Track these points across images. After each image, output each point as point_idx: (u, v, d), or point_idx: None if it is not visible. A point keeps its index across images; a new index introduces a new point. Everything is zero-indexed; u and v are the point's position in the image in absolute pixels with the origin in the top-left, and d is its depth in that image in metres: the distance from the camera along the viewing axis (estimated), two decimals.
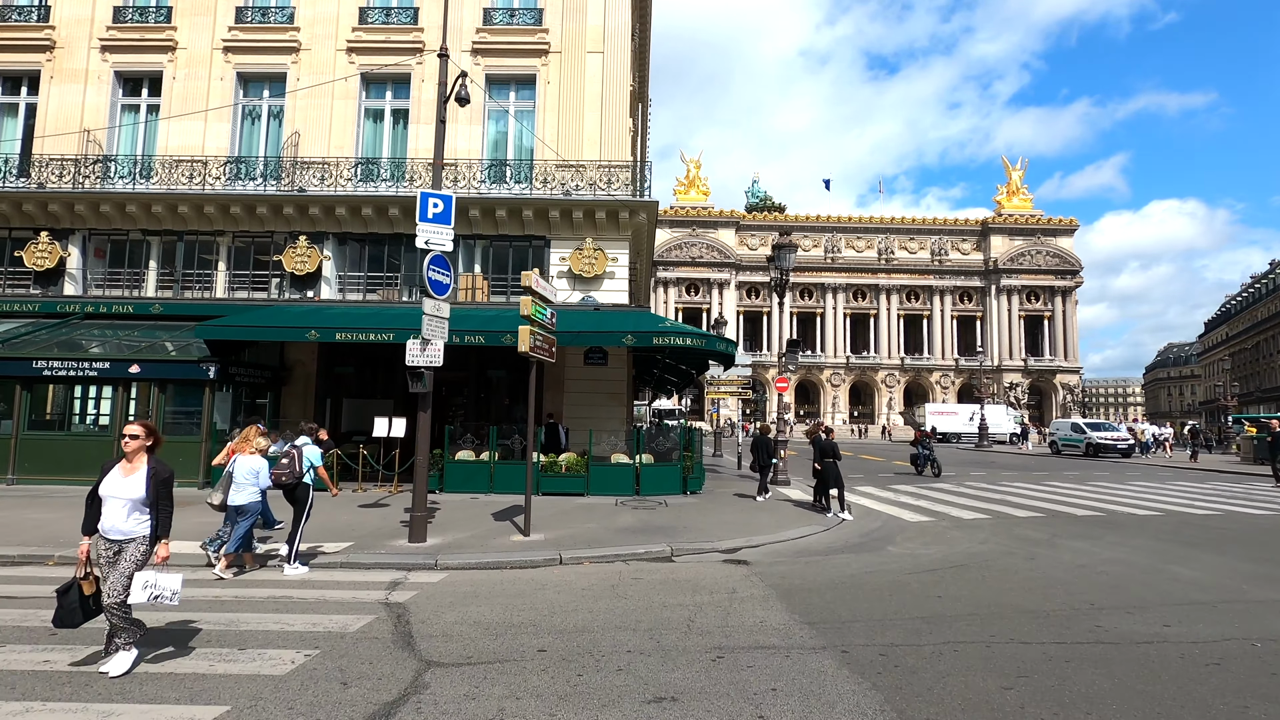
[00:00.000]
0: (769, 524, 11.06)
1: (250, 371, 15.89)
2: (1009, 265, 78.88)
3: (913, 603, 6.37)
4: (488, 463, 14.21)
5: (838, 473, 12.17)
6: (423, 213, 9.14)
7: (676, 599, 6.43)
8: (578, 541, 9.16)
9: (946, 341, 79.93)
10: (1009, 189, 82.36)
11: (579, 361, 17.13)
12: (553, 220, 17.31)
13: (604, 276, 17.39)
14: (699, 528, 10.44)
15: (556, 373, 17.16)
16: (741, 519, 11.46)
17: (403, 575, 7.44)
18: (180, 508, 5.34)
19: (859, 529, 11.01)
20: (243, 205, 17.43)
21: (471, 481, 14.12)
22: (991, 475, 20.92)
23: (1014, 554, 8.83)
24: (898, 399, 78.42)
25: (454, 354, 19.14)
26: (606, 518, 11.22)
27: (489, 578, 7.42)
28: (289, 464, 7.65)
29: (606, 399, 17.14)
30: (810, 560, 8.51)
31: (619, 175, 17.27)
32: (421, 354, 9.08)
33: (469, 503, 12.76)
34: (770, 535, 10.10)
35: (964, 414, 59.00)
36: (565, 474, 14.09)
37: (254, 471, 7.40)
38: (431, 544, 8.84)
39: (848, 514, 11.97)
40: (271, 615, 5.81)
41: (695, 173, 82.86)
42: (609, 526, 10.38)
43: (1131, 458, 29.49)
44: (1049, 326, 79.40)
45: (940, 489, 16.83)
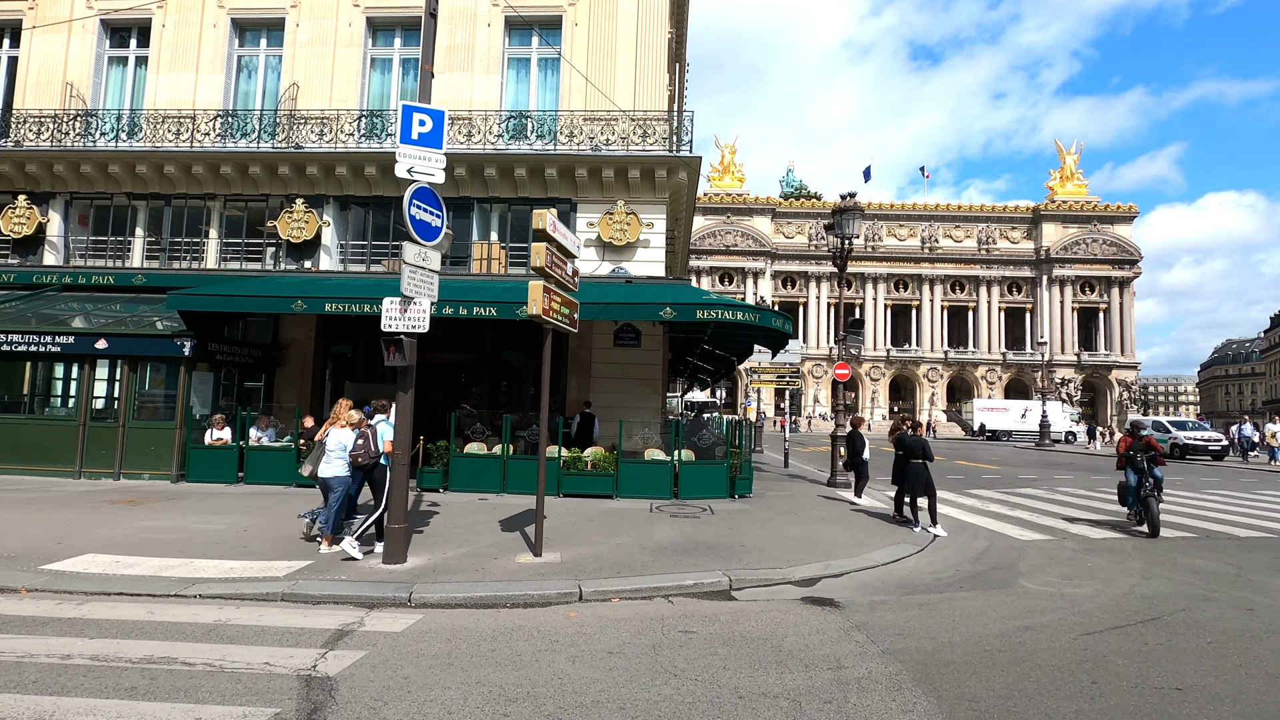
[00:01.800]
0: (845, 541, 8.74)
1: (236, 350, 14.02)
2: (1062, 254, 74.54)
3: (1151, 705, 4.00)
4: (500, 457, 12.11)
5: (929, 478, 9.77)
6: (405, 133, 6.98)
7: (754, 680, 4.19)
8: (604, 565, 6.96)
9: (993, 334, 75.96)
10: (1062, 174, 77.76)
11: (607, 343, 14.93)
12: (579, 180, 15.11)
13: (637, 245, 15.14)
14: (758, 545, 8.17)
15: (581, 356, 14.98)
16: (808, 533, 9.15)
17: (359, 617, 5.33)
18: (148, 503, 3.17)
19: (962, 550, 8.63)
20: (234, 165, 15.56)
21: (481, 479, 12.04)
22: (1080, 479, 18.20)
23: (1211, 598, 6.38)
24: (941, 394, 74.83)
25: (465, 332, 17.04)
26: (640, 529, 9.01)
27: (478, 625, 5.26)
28: (364, 443, 7.32)
29: (639, 386, 14.92)
30: (924, 602, 6.18)
31: (655, 129, 14.97)
32: (401, 316, 6.95)
33: (475, 505, 10.66)
34: (852, 558, 7.78)
35: (1015, 410, 55.73)
36: (591, 472, 11.92)
37: (342, 445, 7.36)
38: (412, 565, 6.72)
39: (940, 530, 9.59)
40: (107, 702, 3.72)
41: (730, 159, 79.99)
42: (644, 542, 8.16)
43: (1224, 460, 26.30)
44: (1104, 319, 74.92)
45: (1029, 494, 14.28)
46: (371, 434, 7.38)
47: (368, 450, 7.29)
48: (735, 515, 10.38)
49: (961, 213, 78.09)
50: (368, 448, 7.29)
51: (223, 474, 12.31)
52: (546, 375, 7.42)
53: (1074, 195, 76.59)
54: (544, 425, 7.48)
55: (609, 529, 8.93)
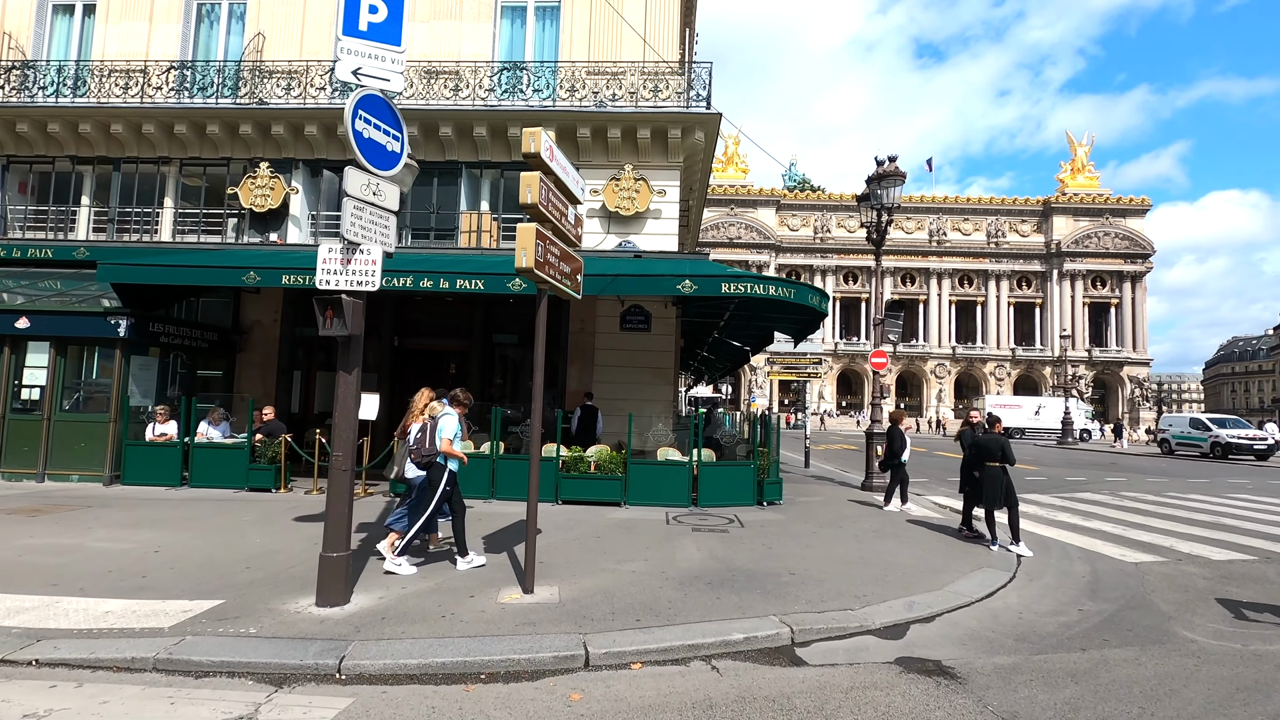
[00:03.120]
0: (915, 564, 6.95)
1: (187, 333, 12.19)
2: (1073, 248, 72.81)
3: None
4: (489, 457, 10.31)
5: (1010, 485, 7.98)
6: (350, 21, 5.15)
7: None
8: (616, 606, 5.17)
9: (1002, 329, 74.25)
10: (1073, 166, 75.99)
11: (613, 326, 13.13)
12: (582, 142, 13.29)
13: (647, 215, 13.33)
14: (811, 572, 6.39)
15: (583, 341, 13.18)
16: (866, 552, 7.36)
17: (254, 704, 3.54)
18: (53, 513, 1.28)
19: (1065, 577, 6.85)
20: (190, 124, 13.73)
21: (466, 483, 10.21)
22: (1134, 480, 16.44)
23: None
24: (948, 390, 73.12)
25: (454, 316, 15.15)
26: (658, 548, 7.23)
27: (435, 713, 3.47)
28: (422, 437, 6.34)
29: (648, 375, 13.12)
30: (1073, 668, 4.40)
31: (667, 83, 13.14)
32: (343, 269, 5.14)
33: None
34: (936, 591, 6.01)
35: (1029, 407, 54.05)
36: (594, 475, 10.13)
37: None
38: (356, 608, 4.93)
39: (1024, 548, 7.81)
40: None
41: (734, 149, 78.06)
42: (665, 568, 6.38)
43: (1269, 461, 24.56)
44: (1115, 314, 73.21)
45: (1092, 500, 12.52)
46: (431, 428, 6.29)
47: (422, 446, 6.28)
48: (770, 529, 8.59)
49: (970, 205, 76.23)
50: (423, 443, 6.28)
51: (164, 475, 10.51)
52: (539, 352, 5.62)
53: (1085, 188, 74.79)
54: (536, 417, 5.67)
55: (619, 549, 7.13)
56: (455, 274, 9.92)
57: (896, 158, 12.98)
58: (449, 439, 6.18)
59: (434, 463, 6.22)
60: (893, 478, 10.63)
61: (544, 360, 5.65)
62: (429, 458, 6.23)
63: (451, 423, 6.27)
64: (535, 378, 5.60)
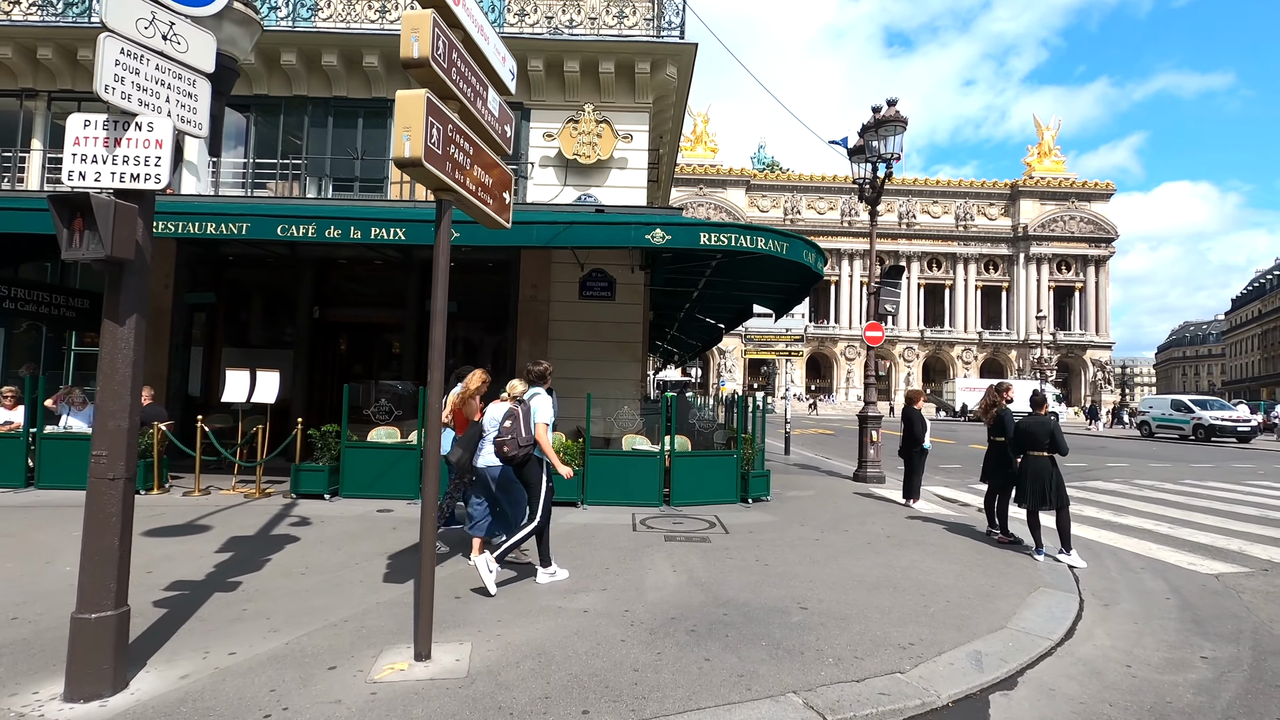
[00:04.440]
0: (952, 584, 5.33)
1: (46, 298, 9.97)
2: (1039, 232, 72.97)
3: None
4: (416, 447, 8.42)
5: (1060, 481, 6.41)
6: None
7: None
8: (553, 679, 3.40)
9: (970, 313, 74.28)
10: (1040, 150, 76.05)
11: (570, 293, 11.27)
12: (533, 77, 11.32)
13: (610, 165, 11.45)
14: (826, 605, 4.71)
15: (535, 311, 11.30)
16: (889, 569, 5.71)
17: None
18: None
19: (1147, 601, 5.30)
20: (58, 48, 11.36)
21: (388, 479, 8.35)
22: (1137, 466, 15.27)
23: None
24: (917, 374, 72.92)
25: (381, 281, 12.90)
26: (620, 569, 5.48)
27: None
28: (512, 425, 5.02)
29: (612, 352, 11.32)
30: None
31: (634, 7, 11.23)
32: (106, 155, 3.17)
33: (366, 524, 6.99)
34: (999, 631, 4.38)
35: None
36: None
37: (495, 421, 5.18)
38: (129, 701, 3.05)
39: (1076, 558, 6.27)
40: None
41: (703, 128, 76.23)
42: (629, 605, 4.62)
43: (1252, 443, 23.93)
44: (1080, 298, 73.77)
45: (1111, 490, 11.17)
46: (523, 413, 5.12)
47: (516, 436, 5.01)
48: (763, 536, 6.90)
49: (939, 188, 75.81)
50: (517, 432, 5.02)
51: (4, 474, 8.38)
52: (439, 297, 3.78)
53: (1051, 171, 74.91)
54: (434, 391, 3.83)
55: (569, 571, 5.35)
56: (369, 221, 7.93)
57: (896, 101, 11.31)
58: (545, 423, 5.10)
59: (531, 457, 5.05)
60: (911, 468, 9.04)
61: (445, 310, 3.81)
62: (525, 450, 4.99)
63: (547, 404, 5.21)
64: (433, 333, 3.76)
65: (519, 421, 5.00)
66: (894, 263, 71.93)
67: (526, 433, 4.98)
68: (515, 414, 5.03)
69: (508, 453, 4.93)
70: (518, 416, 5.02)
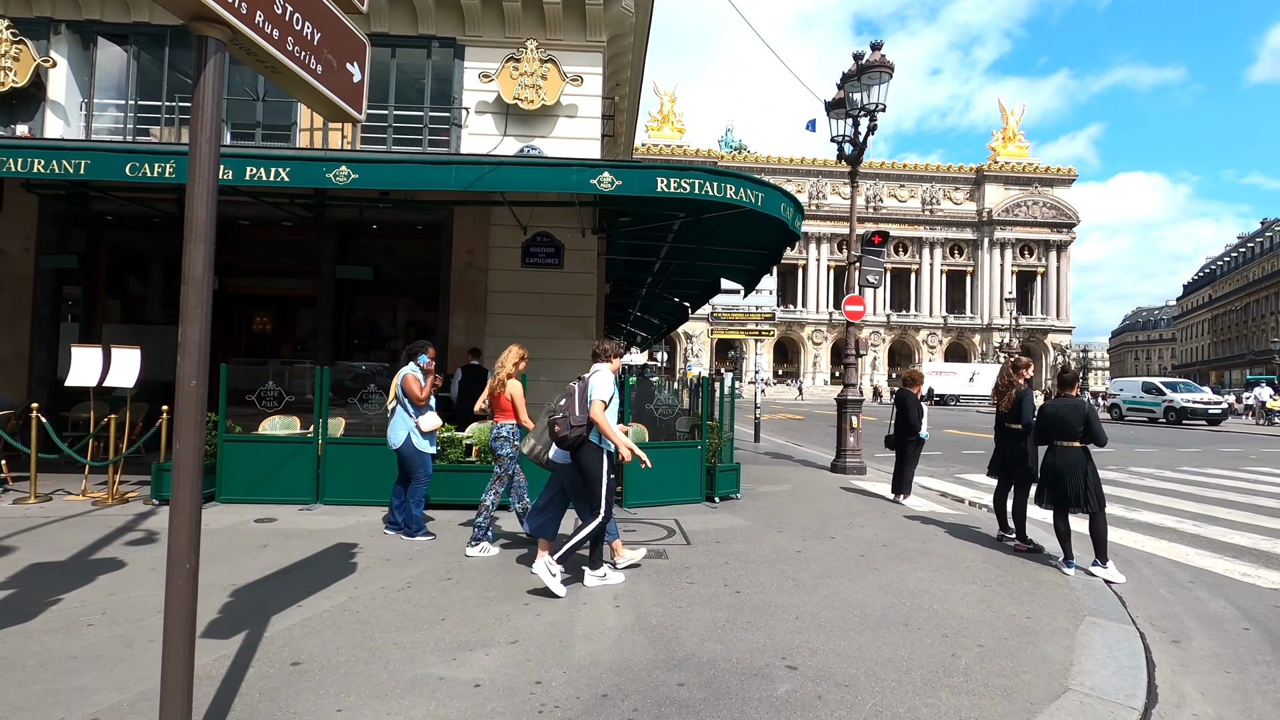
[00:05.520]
0: (977, 616, 4.10)
1: None
2: (1004, 216, 73.35)
3: None
4: (311, 441, 6.90)
5: (1096, 479, 5.23)
6: None
7: None
8: None
9: (935, 297, 74.52)
10: (1004, 134, 76.28)
11: (513, 261, 9.79)
12: (468, 9, 9.72)
13: (558, 113, 9.94)
14: (822, 660, 3.42)
15: (471, 281, 9.80)
16: (892, 594, 4.46)
17: None
18: None
19: (1224, 635, 4.16)
20: None
21: (278, 479, 6.82)
22: (1124, 452, 14.44)
23: None
24: (883, 359, 72.98)
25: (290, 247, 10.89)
26: (547, 604, 4.10)
27: None
28: (567, 403, 4.43)
29: (562, 328, 9.88)
30: None
31: None
32: None
33: (229, 541, 5.48)
34: (1062, 696, 3.13)
35: (962, 374, 54.06)
36: (473, 465, 6.90)
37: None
38: None
39: (1113, 571, 5.12)
40: None
41: (670, 107, 74.71)
42: (545, 673, 3.25)
43: (1221, 426, 23.63)
44: (1041, 283, 74.54)
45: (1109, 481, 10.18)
46: (580, 390, 4.48)
47: (569, 415, 4.37)
48: (732, 547, 5.60)
49: (906, 171, 75.61)
50: (570, 410, 4.39)
51: None
52: (201, 205, 2.31)
53: (1016, 156, 75.22)
54: (193, 358, 2.39)
55: (472, 610, 3.96)
56: (244, 158, 6.32)
57: (881, 45, 10.01)
58: (602, 400, 4.43)
59: (585, 441, 4.42)
60: (904, 459, 7.84)
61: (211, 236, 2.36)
62: (578, 432, 4.36)
63: (608, 381, 4.57)
64: (188, 264, 2.31)
65: (574, 399, 4.41)
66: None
67: (580, 412, 4.36)
68: (571, 392, 4.46)
69: (558, 433, 4.36)
70: (573, 394, 4.44)
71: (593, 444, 4.43)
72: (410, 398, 5.68)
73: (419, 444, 5.73)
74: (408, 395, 5.70)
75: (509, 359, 5.35)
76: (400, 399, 5.74)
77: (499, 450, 5.36)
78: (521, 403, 5.31)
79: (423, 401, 5.71)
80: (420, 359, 5.86)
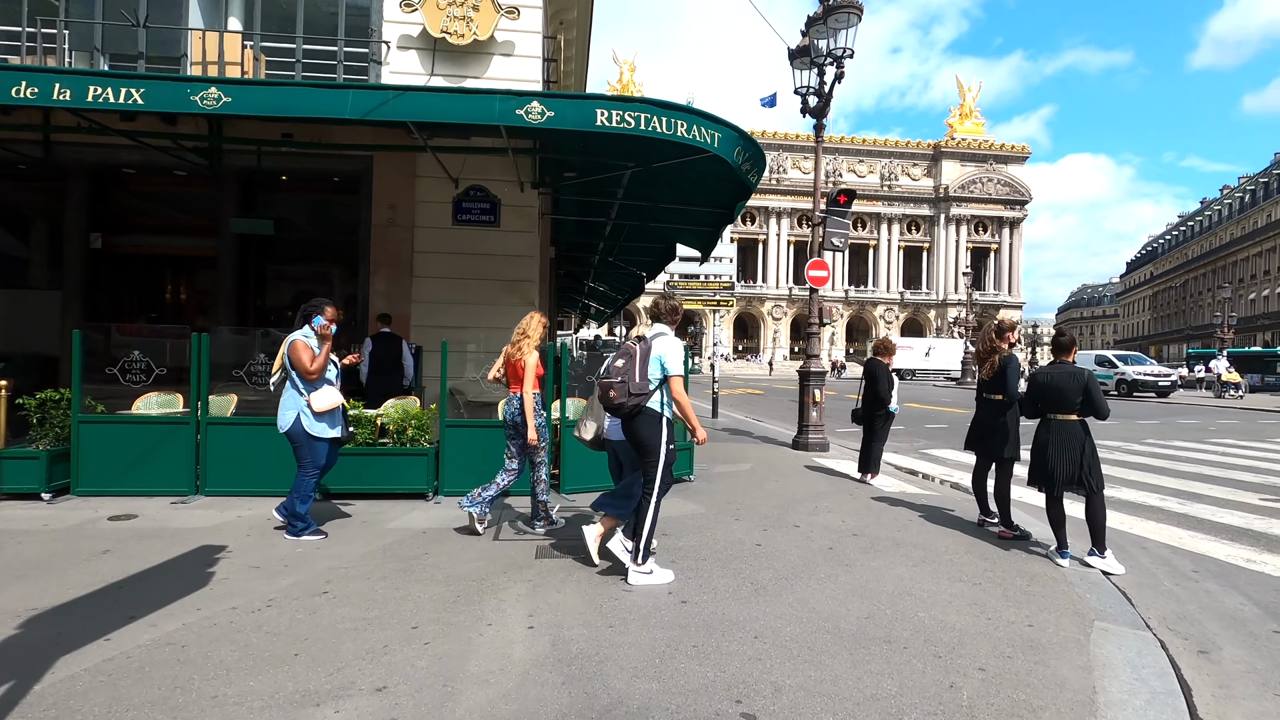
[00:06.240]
0: (969, 624, 3.40)
1: None
2: (959, 193, 74.05)
3: None
4: (187, 422, 5.83)
5: (1093, 454, 4.60)
6: None
7: None
8: None
9: (893, 273, 75.13)
10: (961, 111, 76.72)
11: (442, 218, 8.73)
12: None
13: (492, 50, 8.80)
14: (787, 702, 2.63)
15: (395, 241, 8.71)
16: (868, 598, 3.73)
17: None
18: None
19: (1256, 644, 3.51)
20: None
21: (148, 467, 5.75)
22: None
23: None
24: (841, 334, 73.51)
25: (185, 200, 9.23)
26: (441, 627, 3.23)
27: None
28: (626, 364, 3.94)
29: (499, 294, 8.88)
30: None
31: None
32: None
33: (66, 544, 4.44)
34: None
35: (919, 348, 54.61)
36: (383, 449, 5.93)
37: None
38: None
39: (1112, 561, 4.51)
40: None
41: (630, 76, 72.83)
42: None
43: (1169, 397, 23.97)
44: (994, 259, 75.78)
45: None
46: (641, 353, 3.95)
47: (628, 380, 3.87)
48: (681, 541, 4.81)
49: (866, 147, 75.62)
50: (629, 375, 3.88)
51: None
52: None
53: (972, 133, 75.80)
54: None
55: (349, 633, 3.06)
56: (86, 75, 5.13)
57: None
58: (679, 374, 3.99)
59: (643, 409, 3.91)
60: (872, 435, 7.16)
61: None
62: (637, 400, 3.87)
63: (678, 349, 4.06)
64: None
65: (634, 362, 3.92)
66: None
67: (641, 378, 3.90)
68: (631, 353, 3.97)
69: (614, 399, 3.89)
70: (633, 356, 3.95)
71: (652, 410, 3.92)
72: (298, 369, 4.68)
73: (310, 427, 4.73)
74: (295, 366, 4.69)
75: (534, 327, 4.98)
76: (288, 370, 4.74)
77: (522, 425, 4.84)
78: (536, 374, 4.85)
79: (313, 374, 4.71)
80: (315, 320, 4.83)
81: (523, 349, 4.87)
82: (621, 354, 4.02)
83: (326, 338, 4.85)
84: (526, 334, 4.95)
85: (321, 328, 4.83)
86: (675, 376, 3.95)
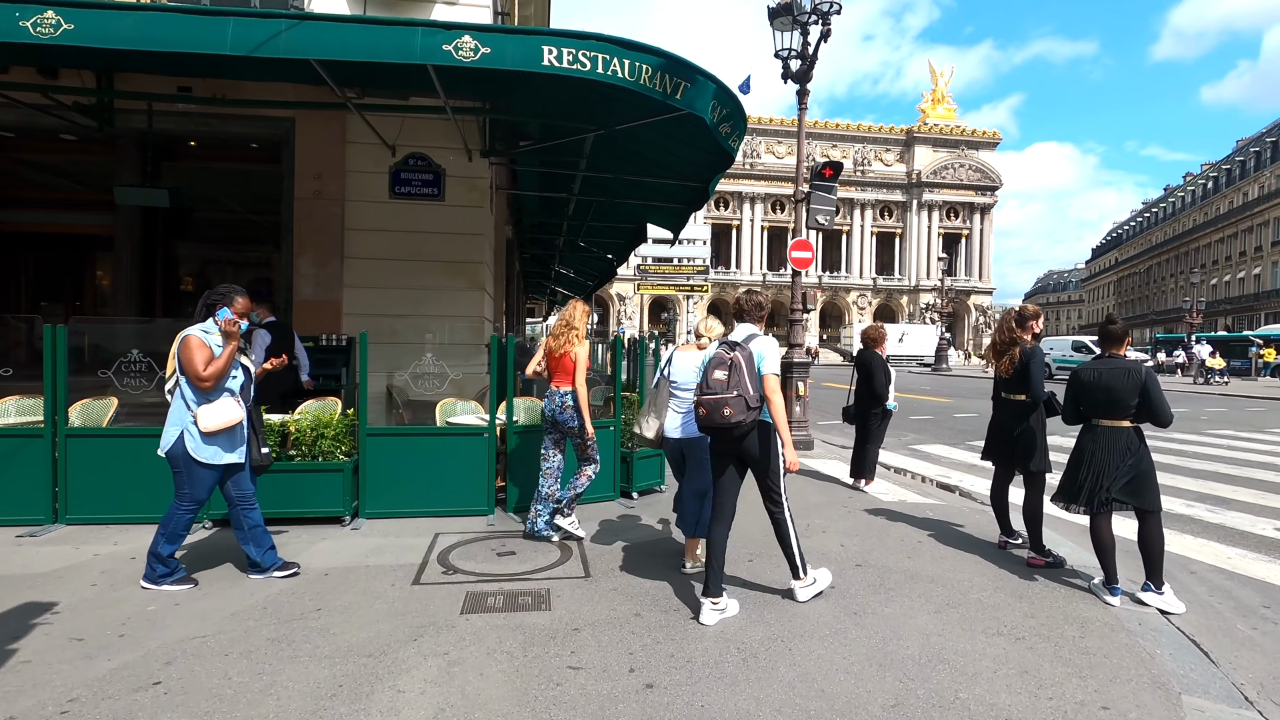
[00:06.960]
0: (1029, 711, 2.51)
1: None
2: (932, 179, 74.07)
3: None
4: (41, 433, 4.72)
5: (1150, 469, 3.75)
6: None
7: None
8: None
9: (866, 259, 75.01)
10: (934, 96, 76.59)
11: (379, 190, 7.64)
12: None
13: None
14: None
15: (324, 215, 7.60)
16: (889, 670, 2.85)
17: None
18: None
19: None
20: None
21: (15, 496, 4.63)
22: None
23: None
24: (814, 320, 73.16)
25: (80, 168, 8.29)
26: None
27: None
28: (733, 378, 3.40)
29: (443, 277, 7.84)
30: None
31: None
32: None
33: None
34: None
35: (893, 334, 54.42)
36: (294, 464, 4.87)
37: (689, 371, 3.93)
38: None
39: (1170, 598, 3.70)
40: None
41: None
42: None
43: None
44: (965, 245, 76.10)
45: None
46: (745, 360, 3.41)
47: (743, 394, 3.33)
48: (650, 581, 3.90)
49: (839, 131, 75.14)
50: (741, 387, 3.34)
51: None
52: None
53: (944, 119, 75.73)
54: None
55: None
56: None
57: None
58: (775, 373, 3.45)
59: (761, 422, 3.43)
60: (866, 436, 6.30)
61: None
62: (755, 414, 3.36)
63: (774, 349, 3.55)
64: None
65: (741, 373, 3.37)
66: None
67: (755, 388, 3.36)
68: (733, 363, 3.39)
69: (729, 417, 3.32)
70: (737, 366, 3.38)
71: (767, 423, 3.49)
72: (189, 373, 3.60)
73: (194, 449, 3.65)
74: (185, 370, 3.60)
75: (578, 317, 4.66)
76: (179, 376, 3.66)
77: (569, 423, 4.50)
78: (585, 366, 4.54)
79: (207, 381, 3.60)
80: (220, 313, 3.72)
81: (571, 341, 4.54)
82: (716, 364, 3.44)
83: (232, 335, 3.74)
84: (571, 324, 4.62)
85: (227, 322, 3.70)
86: (769, 375, 3.43)
